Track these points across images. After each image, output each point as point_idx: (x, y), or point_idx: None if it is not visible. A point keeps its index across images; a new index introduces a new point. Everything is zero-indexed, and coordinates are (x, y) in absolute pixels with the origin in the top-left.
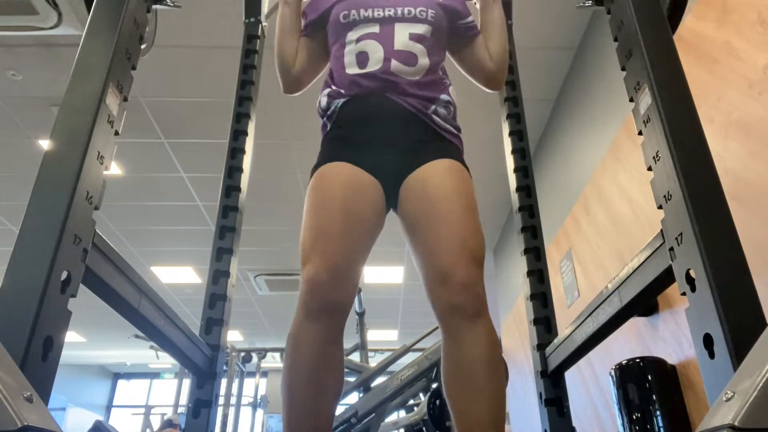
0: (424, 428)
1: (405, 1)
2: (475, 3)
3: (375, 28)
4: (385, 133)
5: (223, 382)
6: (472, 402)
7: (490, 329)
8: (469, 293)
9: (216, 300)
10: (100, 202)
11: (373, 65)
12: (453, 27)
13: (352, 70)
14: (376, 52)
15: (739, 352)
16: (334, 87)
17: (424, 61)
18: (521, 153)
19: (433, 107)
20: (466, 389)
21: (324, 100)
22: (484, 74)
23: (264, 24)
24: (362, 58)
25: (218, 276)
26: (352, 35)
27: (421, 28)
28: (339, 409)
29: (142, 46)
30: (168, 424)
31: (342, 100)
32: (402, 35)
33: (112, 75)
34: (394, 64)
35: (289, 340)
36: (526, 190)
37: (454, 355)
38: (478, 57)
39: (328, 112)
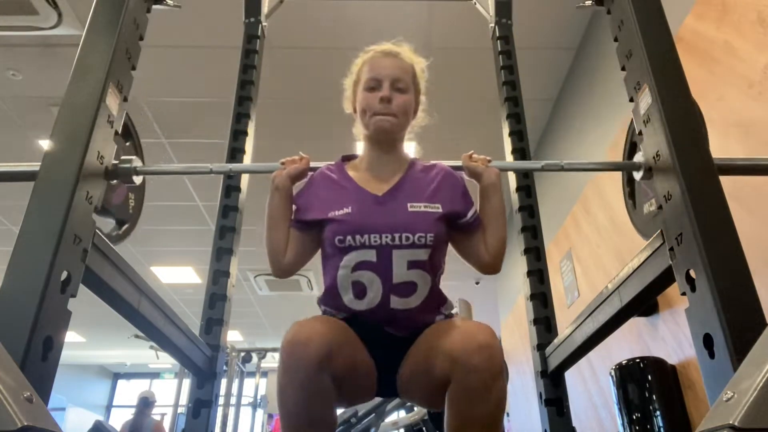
0: (424, 428)
1: (403, 224)
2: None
3: (372, 256)
4: (379, 350)
5: (223, 382)
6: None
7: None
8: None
9: (216, 300)
10: (101, 202)
11: (371, 301)
12: (453, 225)
13: (351, 303)
14: (374, 287)
15: (739, 352)
16: (329, 309)
17: (424, 287)
18: (521, 153)
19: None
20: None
21: (322, 308)
22: (480, 264)
23: (264, 24)
24: (359, 290)
25: (218, 276)
26: (348, 260)
27: (420, 254)
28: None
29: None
30: (144, 402)
31: (340, 316)
32: (400, 266)
33: (112, 75)
34: (393, 299)
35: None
36: (526, 190)
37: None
38: (476, 249)
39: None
